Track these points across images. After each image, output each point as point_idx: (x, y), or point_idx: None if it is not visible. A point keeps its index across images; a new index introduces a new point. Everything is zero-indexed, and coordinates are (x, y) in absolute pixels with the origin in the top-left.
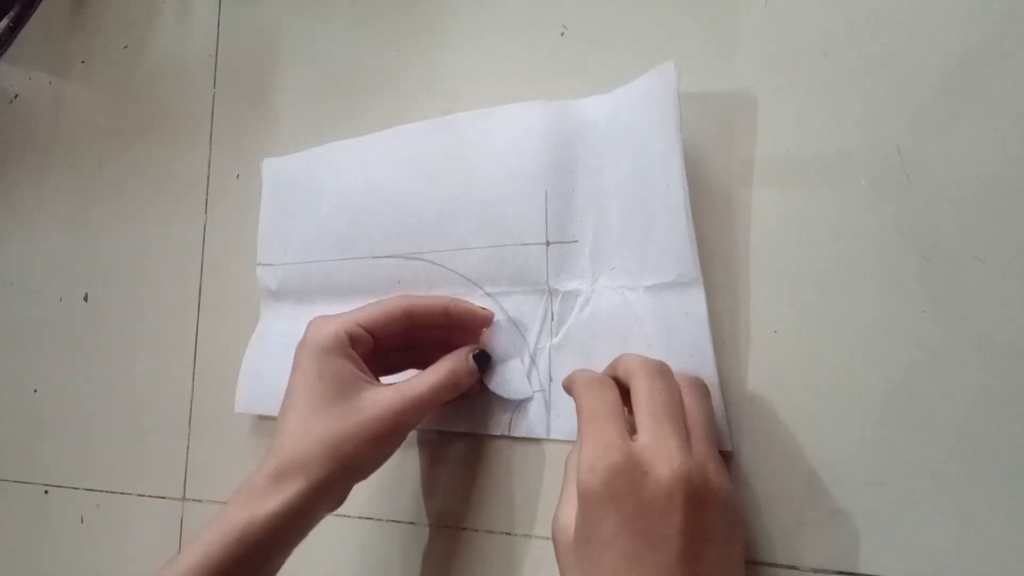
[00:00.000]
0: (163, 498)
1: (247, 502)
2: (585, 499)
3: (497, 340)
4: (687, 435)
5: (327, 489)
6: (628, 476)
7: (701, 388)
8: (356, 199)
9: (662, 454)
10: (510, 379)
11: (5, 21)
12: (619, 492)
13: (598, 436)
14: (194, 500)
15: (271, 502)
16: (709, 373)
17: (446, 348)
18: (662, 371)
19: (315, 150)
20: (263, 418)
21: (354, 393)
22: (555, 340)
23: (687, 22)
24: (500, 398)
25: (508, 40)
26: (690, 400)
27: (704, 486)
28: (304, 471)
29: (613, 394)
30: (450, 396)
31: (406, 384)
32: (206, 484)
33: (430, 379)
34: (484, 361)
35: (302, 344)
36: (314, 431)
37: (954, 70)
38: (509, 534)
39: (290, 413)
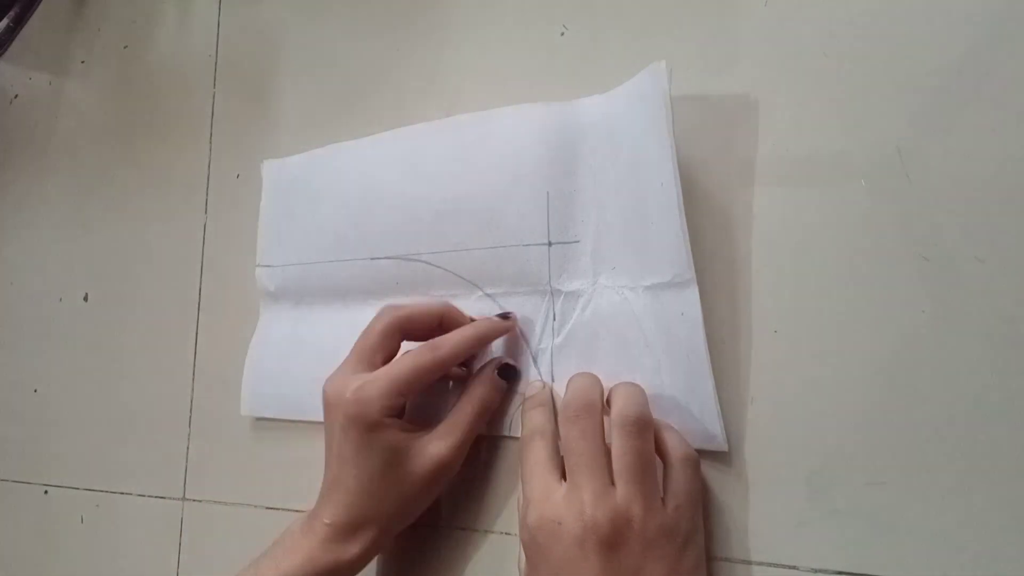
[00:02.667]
0: (163, 498)
1: (330, 546)
2: (525, 550)
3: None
4: (609, 478)
5: (393, 533)
6: (547, 530)
7: (633, 425)
8: (355, 200)
9: (573, 506)
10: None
11: (5, 21)
12: (544, 545)
13: (527, 492)
14: (194, 500)
15: (353, 548)
16: (704, 374)
17: None
18: (578, 415)
19: (315, 152)
20: (262, 419)
21: (405, 455)
22: (557, 340)
23: (687, 22)
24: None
25: (508, 40)
26: (620, 440)
27: (620, 529)
28: (376, 524)
29: (545, 446)
30: (486, 420)
31: (447, 429)
32: (206, 484)
33: (467, 416)
34: (510, 374)
35: (347, 417)
36: (379, 495)
37: (954, 70)
38: (509, 534)
39: (349, 478)
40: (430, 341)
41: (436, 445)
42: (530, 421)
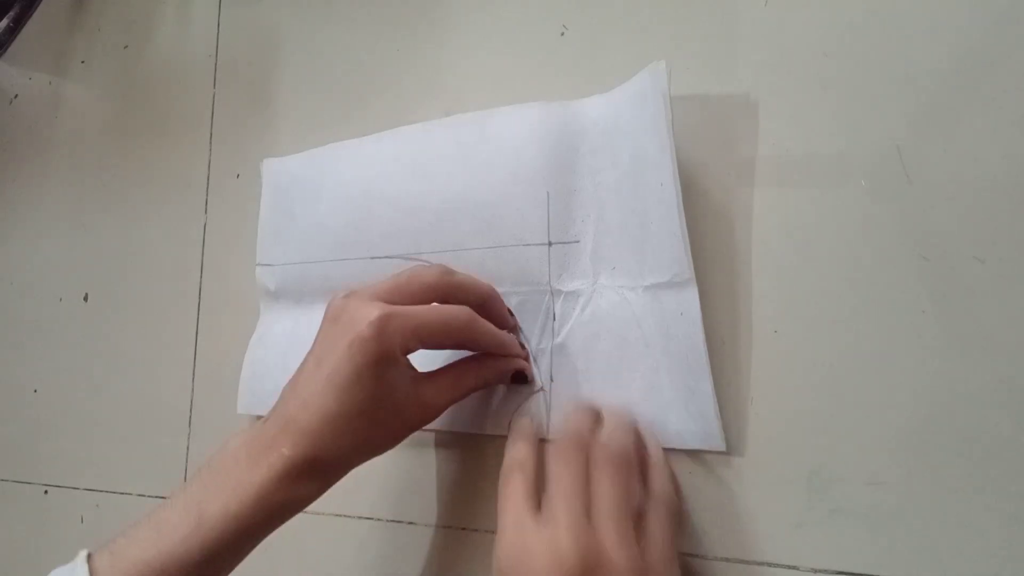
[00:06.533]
0: (163, 498)
1: (284, 484)
2: None
3: None
4: (586, 514)
5: (348, 471)
6: (517, 560)
7: (615, 462)
8: (356, 199)
9: (544, 538)
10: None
11: (5, 21)
12: None
13: (501, 522)
14: None
15: (310, 487)
16: (703, 374)
17: None
18: (567, 448)
19: (315, 151)
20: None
21: (401, 395)
22: (557, 340)
23: (687, 22)
24: (500, 398)
25: (508, 40)
26: (598, 474)
27: (592, 567)
28: (339, 463)
29: (524, 479)
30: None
31: (448, 384)
32: None
33: (469, 381)
34: (521, 380)
35: (363, 341)
36: (357, 430)
37: (954, 70)
38: None
39: (331, 403)
40: (471, 315)
41: (432, 394)
42: (511, 454)
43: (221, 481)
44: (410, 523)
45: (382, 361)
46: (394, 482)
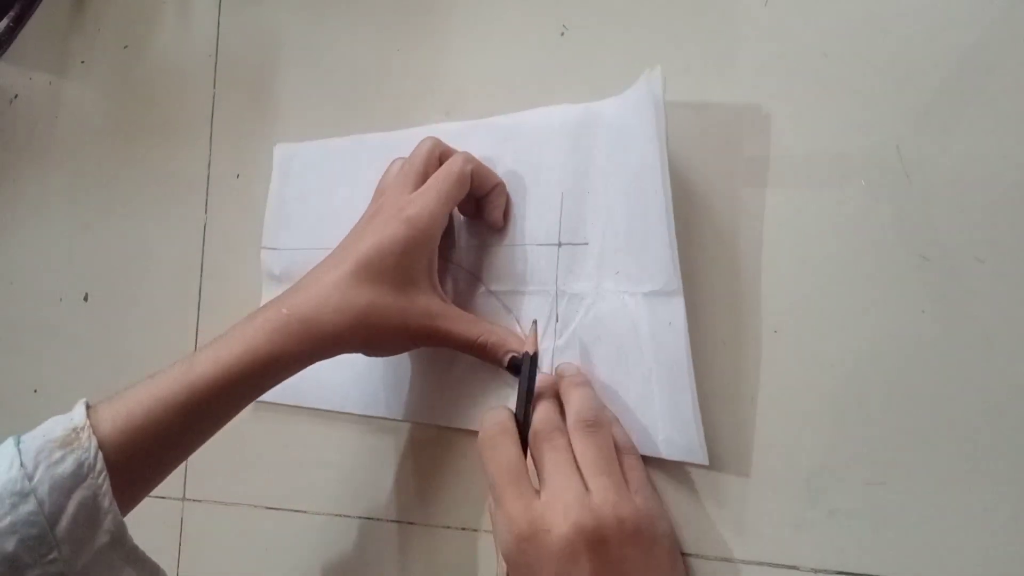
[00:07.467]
0: (163, 498)
1: (277, 338)
2: (511, 565)
3: None
4: (581, 477)
5: (334, 351)
6: (535, 540)
7: (592, 424)
8: (373, 190)
9: (558, 510)
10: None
11: (5, 21)
12: (532, 556)
13: (506, 504)
14: (194, 500)
15: (299, 347)
16: (684, 386)
17: None
18: (546, 435)
19: (334, 140)
20: (261, 414)
21: (418, 288)
22: (559, 342)
23: (687, 22)
24: (500, 395)
25: (508, 40)
26: (582, 442)
27: (603, 524)
28: (332, 336)
29: (512, 450)
30: (467, 352)
31: (456, 314)
32: (206, 484)
33: (474, 331)
34: (516, 369)
35: (394, 223)
36: (359, 304)
37: (954, 70)
38: None
39: (347, 271)
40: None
41: (441, 308)
42: (489, 434)
43: (219, 338)
44: (409, 523)
45: (431, 241)
46: (394, 482)
